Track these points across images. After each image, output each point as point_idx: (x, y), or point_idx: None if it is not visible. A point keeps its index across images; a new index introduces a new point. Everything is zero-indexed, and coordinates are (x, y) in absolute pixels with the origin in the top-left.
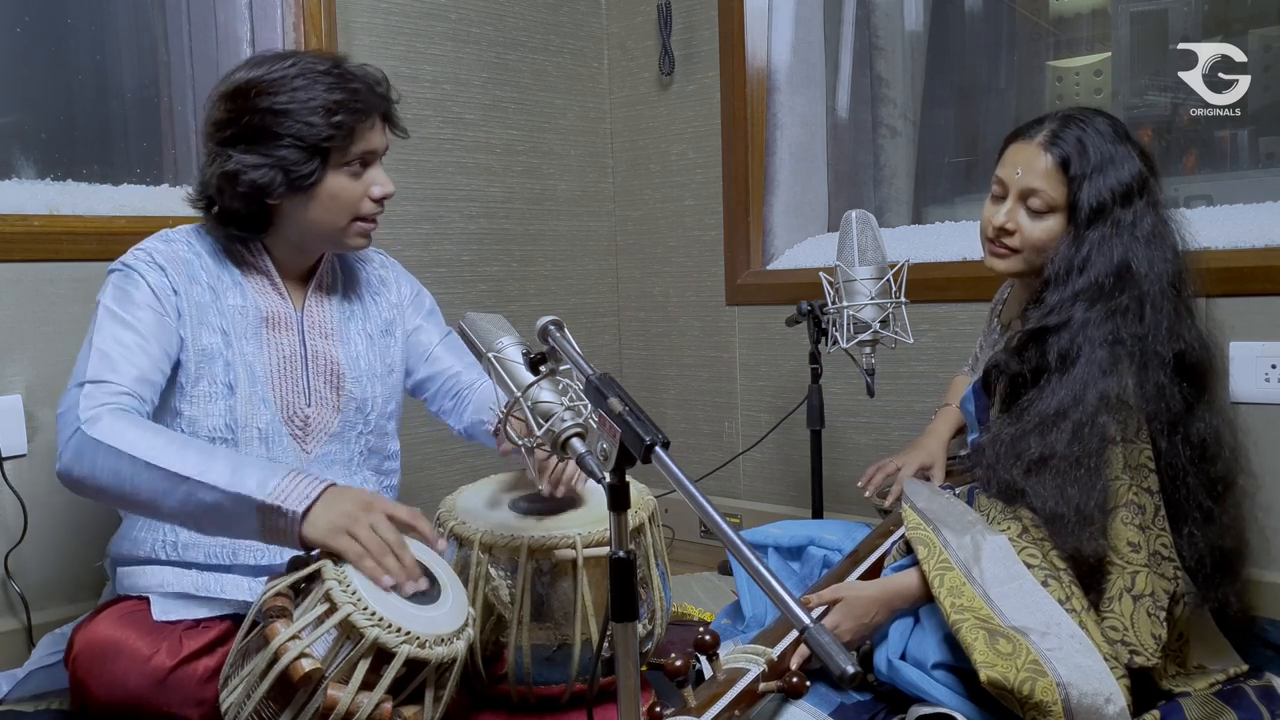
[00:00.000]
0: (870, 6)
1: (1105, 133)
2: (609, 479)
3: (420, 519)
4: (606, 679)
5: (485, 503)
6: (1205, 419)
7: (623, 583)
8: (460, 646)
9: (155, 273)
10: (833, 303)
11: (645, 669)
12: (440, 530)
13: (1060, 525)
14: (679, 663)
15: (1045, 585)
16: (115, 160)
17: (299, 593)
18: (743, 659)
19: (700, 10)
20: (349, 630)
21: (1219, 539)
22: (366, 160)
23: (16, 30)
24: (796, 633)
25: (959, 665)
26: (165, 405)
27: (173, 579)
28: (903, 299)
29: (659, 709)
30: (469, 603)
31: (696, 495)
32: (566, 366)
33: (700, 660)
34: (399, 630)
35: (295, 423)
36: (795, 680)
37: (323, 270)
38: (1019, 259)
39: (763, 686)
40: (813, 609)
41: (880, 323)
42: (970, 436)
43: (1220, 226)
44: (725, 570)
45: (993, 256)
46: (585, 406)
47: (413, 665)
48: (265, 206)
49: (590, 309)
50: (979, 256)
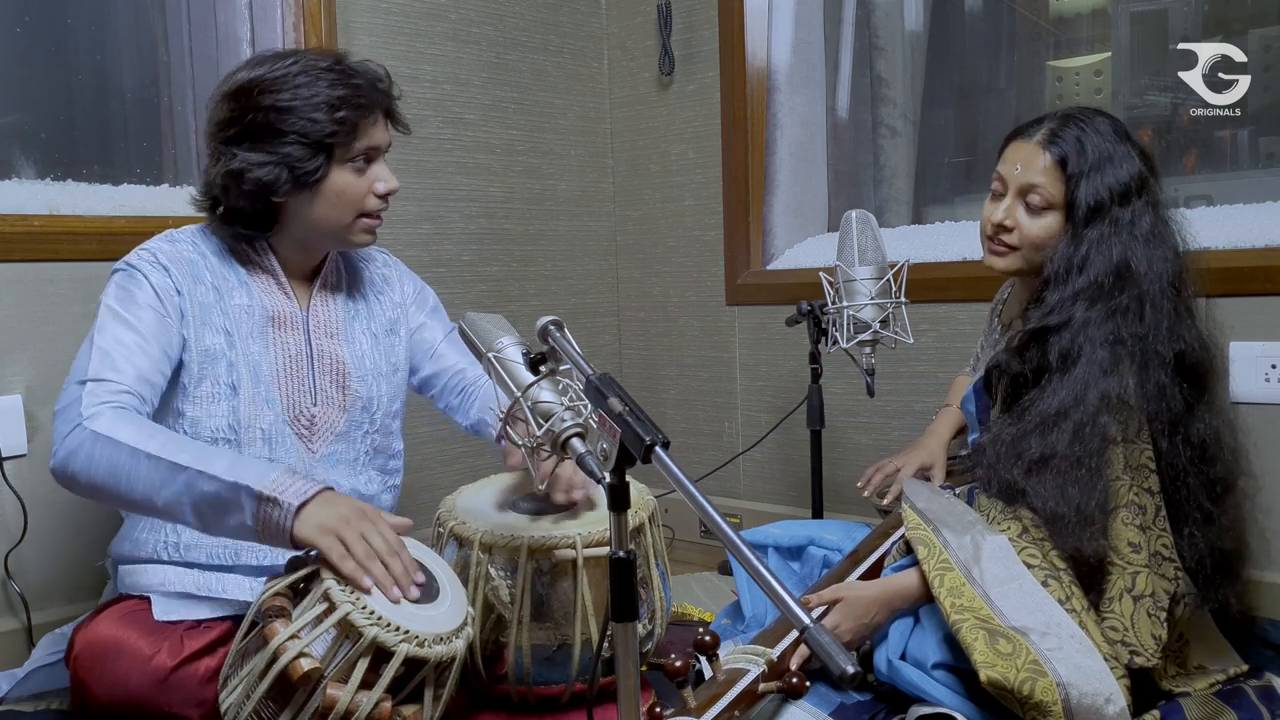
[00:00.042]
0: (870, 6)
1: (1105, 132)
2: (609, 479)
3: (402, 548)
4: (606, 679)
5: (485, 503)
6: (1205, 420)
7: (623, 583)
8: (459, 645)
9: (158, 273)
10: (833, 303)
11: (645, 669)
12: (440, 530)
13: (1061, 525)
14: (679, 663)
15: (1045, 585)
16: (115, 160)
17: (298, 593)
18: (743, 659)
19: (700, 10)
20: (348, 629)
21: (1219, 540)
22: (370, 156)
23: (16, 30)
24: (796, 633)
25: (959, 665)
26: (168, 406)
27: (174, 578)
28: (903, 299)
29: (659, 709)
30: (468, 602)
31: (696, 495)
32: (566, 366)
33: (700, 660)
34: (398, 629)
35: (301, 422)
36: (795, 680)
37: (327, 269)
38: (1017, 256)
39: (763, 687)
40: (813, 609)
41: (880, 323)
42: (971, 436)
43: (1220, 226)
44: (725, 570)
45: (991, 255)
46: (585, 406)
47: (412, 664)
48: (270, 205)
49: (590, 309)
50: (979, 256)
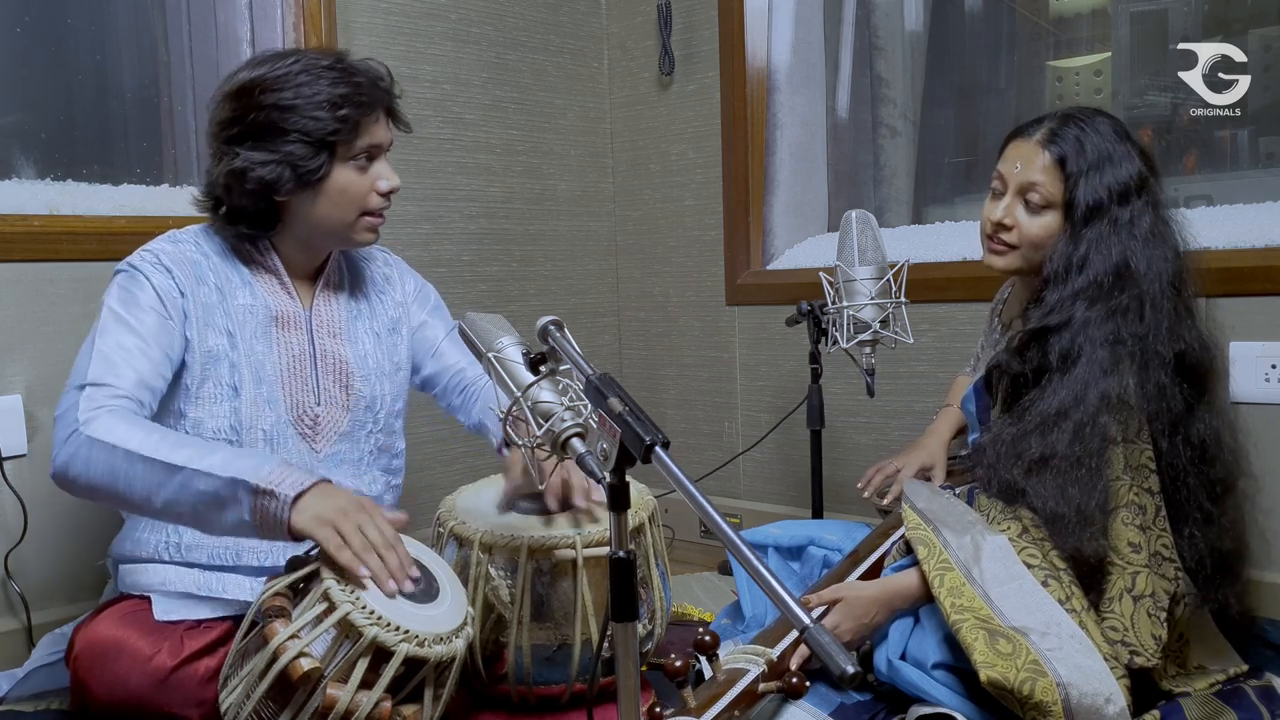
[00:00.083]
0: (870, 6)
1: (1104, 132)
2: (609, 479)
3: (399, 542)
4: (606, 679)
5: (485, 503)
6: (1205, 420)
7: (623, 583)
8: (459, 645)
9: (161, 275)
10: (833, 303)
11: (645, 669)
12: (440, 530)
13: (1061, 525)
14: (679, 663)
15: (1045, 585)
16: (115, 160)
17: (298, 592)
18: (743, 659)
19: (700, 10)
20: (348, 629)
21: (1219, 540)
22: (372, 154)
23: (16, 30)
24: (796, 633)
25: (959, 665)
26: (170, 408)
27: (175, 578)
28: (903, 299)
29: (659, 709)
30: (468, 602)
31: (696, 495)
32: (566, 366)
33: (700, 660)
34: (398, 629)
35: (305, 422)
36: (795, 680)
37: (330, 269)
38: (1016, 255)
39: (763, 687)
40: (813, 609)
41: (880, 323)
42: (971, 436)
43: (1220, 226)
44: (725, 570)
45: (991, 254)
46: (585, 406)
47: (411, 664)
48: (273, 204)
49: (590, 309)
50: (979, 256)
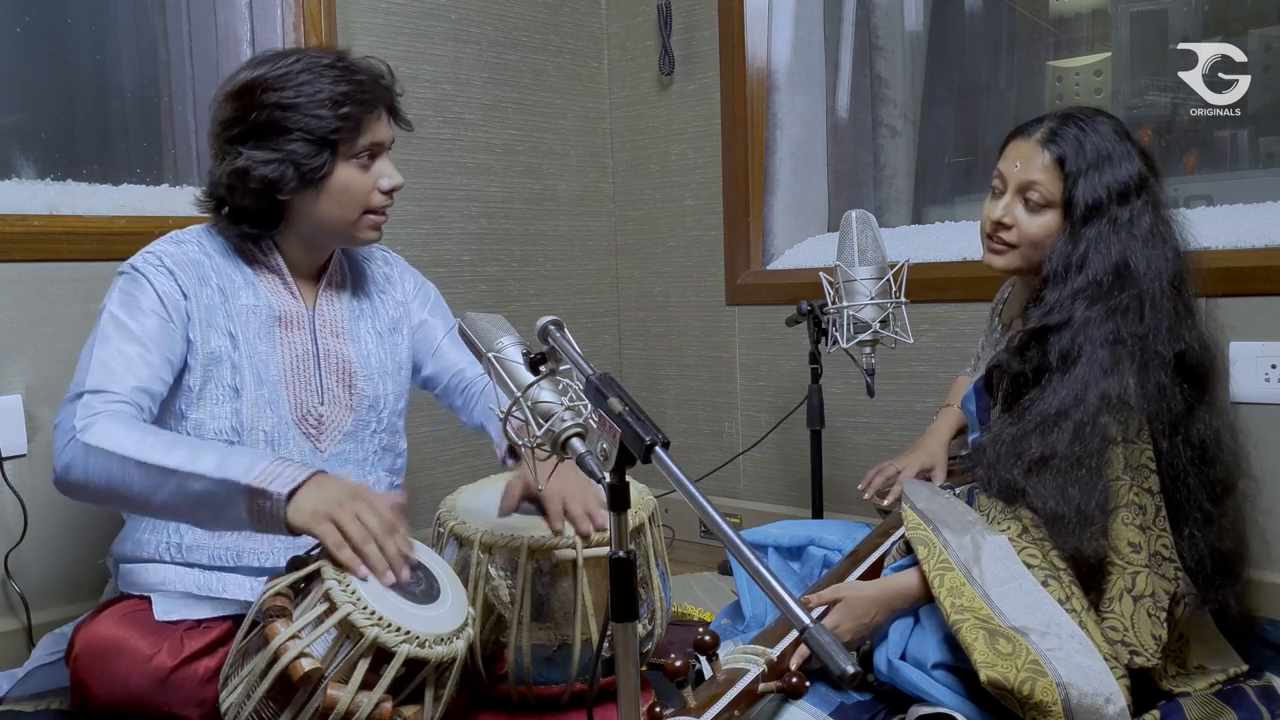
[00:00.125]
0: (870, 6)
1: (1104, 132)
2: (609, 479)
3: (399, 525)
4: (606, 679)
5: (485, 503)
6: (1206, 420)
7: (623, 583)
8: (460, 646)
9: (164, 277)
10: (833, 303)
11: (645, 669)
12: (440, 530)
13: (1061, 525)
14: (679, 663)
15: (1045, 585)
16: (115, 160)
17: (299, 593)
18: (742, 659)
19: (700, 10)
20: (349, 630)
21: (1219, 541)
22: (374, 152)
23: (16, 30)
24: (796, 633)
25: (959, 665)
26: (171, 409)
27: (175, 577)
28: (903, 299)
29: (659, 709)
30: (469, 602)
31: (696, 495)
32: (566, 366)
33: (700, 660)
34: (398, 629)
35: (309, 421)
36: (795, 680)
37: (333, 268)
38: (1016, 255)
39: (762, 687)
40: (813, 609)
41: (880, 323)
42: (971, 436)
43: (1220, 226)
44: (725, 570)
45: (990, 253)
46: (585, 406)
47: (412, 665)
48: (276, 203)
49: (590, 309)
50: (979, 256)
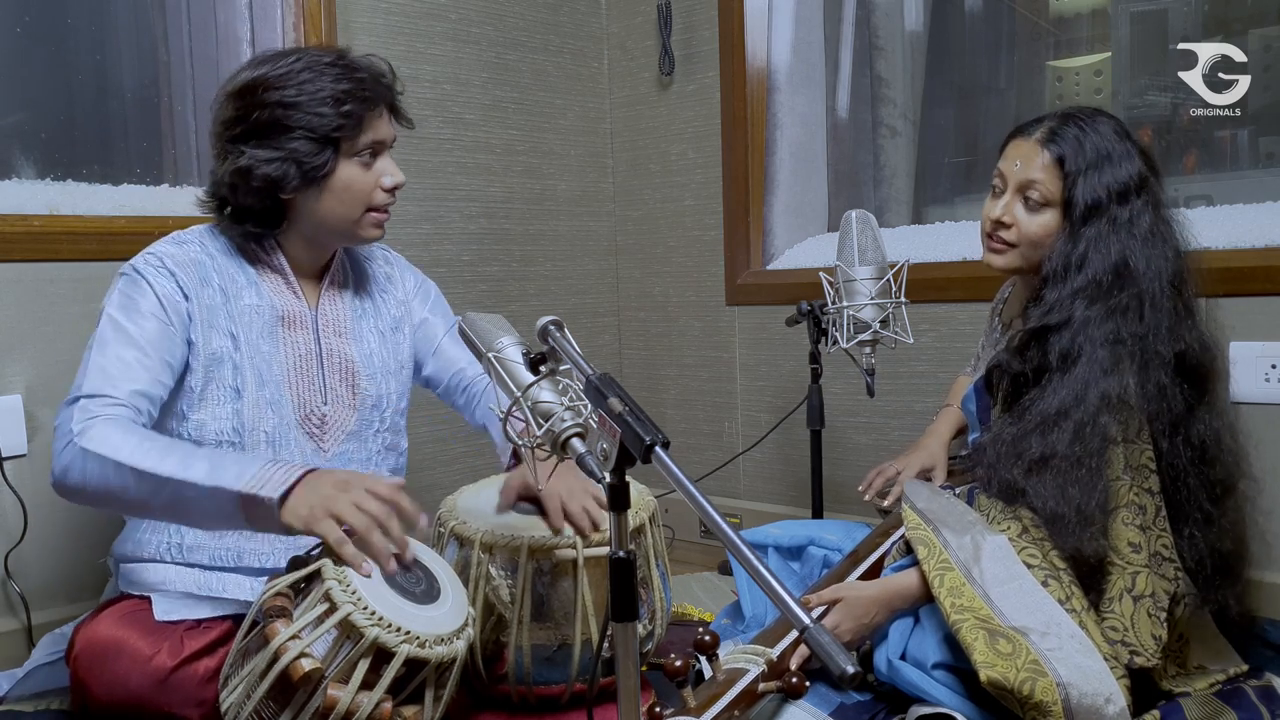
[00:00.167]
0: (870, 6)
1: (1104, 132)
2: (609, 479)
3: (401, 494)
4: (606, 679)
5: (486, 503)
6: (1206, 421)
7: (623, 583)
8: (460, 646)
9: (165, 279)
10: (833, 303)
11: (645, 669)
12: (441, 530)
13: (1061, 525)
14: (679, 663)
15: (1045, 585)
16: (115, 160)
17: (299, 592)
18: (742, 659)
19: (700, 10)
20: (349, 630)
21: (1219, 541)
22: (376, 150)
23: (16, 30)
24: (796, 633)
25: (959, 665)
26: (173, 410)
27: (175, 577)
28: (903, 299)
29: (659, 709)
30: (469, 602)
31: (696, 495)
32: (566, 366)
33: (700, 660)
34: (399, 630)
35: (312, 421)
36: (795, 680)
37: (335, 268)
38: (1015, 254)
39: (762, 687)
40: (813, 609)
41: (880, 323)
42: (971, 436)
43: (1220, 226)
44: (725, 570)
45: (990, 252)
46: (585, 406)
47: (412, 665)
48: (279, 202)
49: (590, 309)
50: (979, 256)
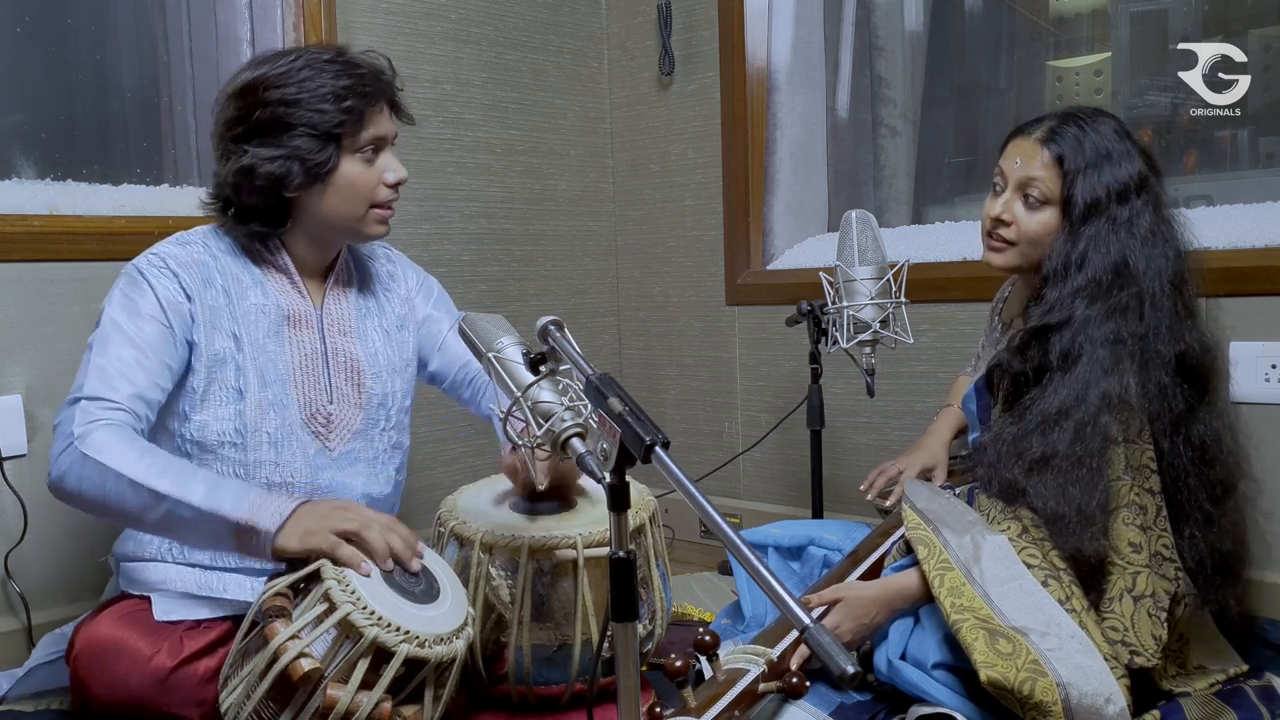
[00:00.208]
0: (870, 6)
1: (1104, 131)
2: (609, 479)
3: (393, 532)
4: (606, 679)
5: (486, 502)
6: (1206, 421)
7: (623, 583)
8: (459, 646)
9: (167, 280)
10: (833, 303)
11: (645, 669)
12: (441, 530)
13: (1061, 525)
14: (679, 663)
15: (1045, 585)
16: (115, 160)
17: (298, 592)
18: (743, 659)
19: (700, 10)
20: (348, 629)
21: (1219, 542)
22: (378, 146)
23: (16, 30)
24: (796, 633)
25: (959, 665)
26: (174, 410)
27: (176, 576)
28: (903, 299)
29: (659, 709)
30: (469, 602)
31: (696, 495)
32: (566, 366)
33: (700, 660)
34: (398, 629)
35: (318, 420)
36: (795, 680)
37: (339, 267)
38: (1015, 253)
39: (763, 687)
40: (813, 609)
41: (880, 323)
42: (971, 436)
43: (1220, 226)
44: (725, 570)
45: (990, 251)
46: (585, 406)
47: (412, 664)
48: (283, 200)
49: (590, 309)
50: (979, 256)
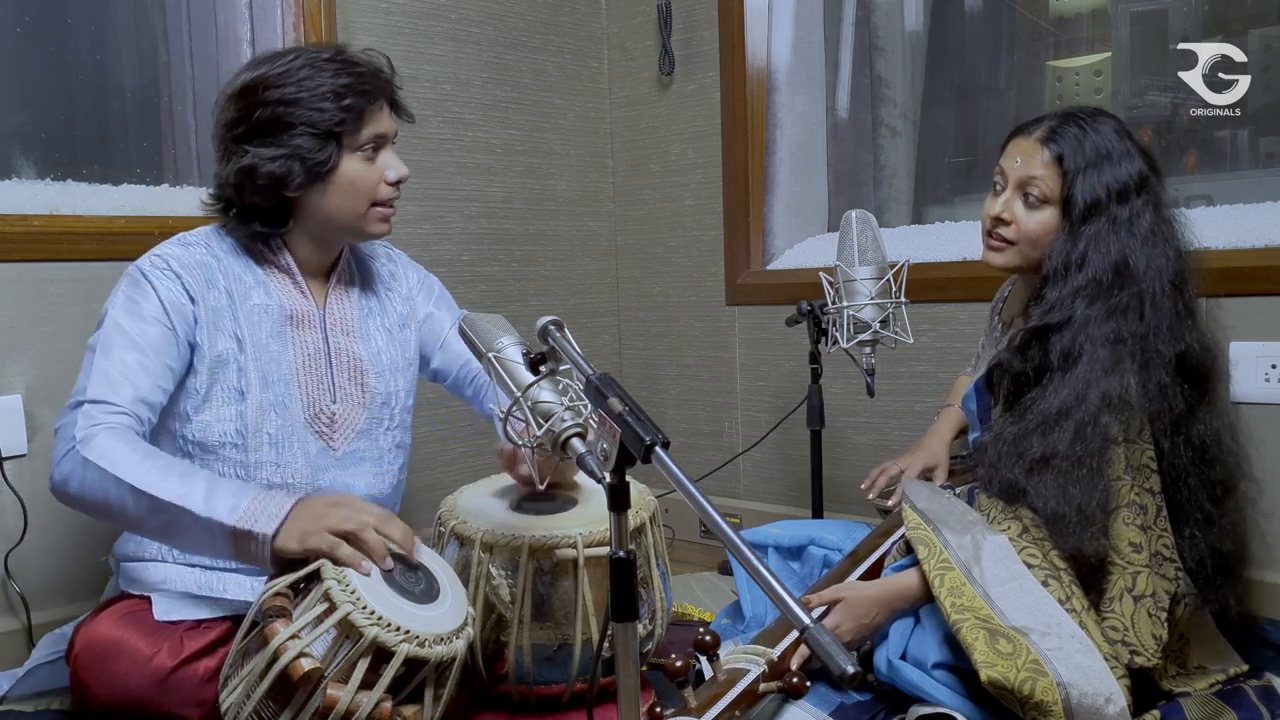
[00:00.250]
0: (870, 6)
1: (1105, 131)
2: (609, 479)
3: (392, 515)
4: (607, 679)
5: (486, 502)
6: (1206, 421)
7: (623, 583)
8: (459, 645)
9: (170, 282)
10: (833, 303)
11: (645, 669)
12: (441, 530)
13: (1062, 525)
14: (679, 663)
15: (1045, 585)
16: (115, 160)
17: (298, 592)
18: (743, 659)
19: (700, 10)
20: (348, 629)
21: (1219, 542)
22: (378, 144)
23: (16, 30)
24: (797, 633)
25: (959, 665)
26: (176, 411)
27: (176, 576)
28: (903, 299)
29: (659, 709)
30: (469, 602)
31: (696, 495)
32: (566, 366)
33: (700, 660)
34: (398, 629)
35: (321, 420)
36: (795, 680)
37: (341, 267)
38: (1014, 252)
39: (763, 687)
40: (813, 609)
41: (880, 323)
42: (972, 436)
43: (1220, 226)
44: (725, 570)
45: (989, 250)
46: (585, 406)
47: (412, 664)
48: (285, 200)
49: (590, 309)
50: (979, 256)
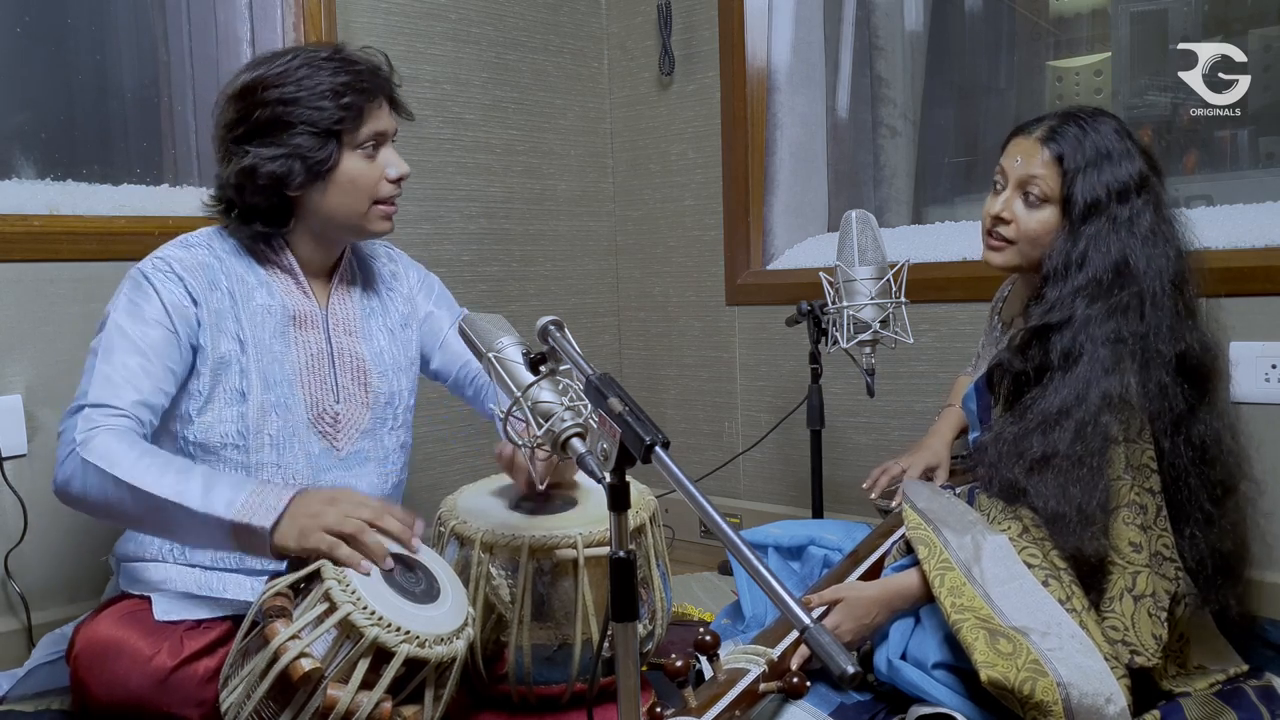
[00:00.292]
0: (870, 6)
1: (1105, 131)
2: (609, 479)
3: (390, 506)
4: (607, 679)
5: (486, 502)
6: (1206, 421)
7: (623, 583)
8: (460, 646)
9: (172, 284)
10: (833, 303)
11: (645, 669)
12: (441, 530)
13: (1062, 525)
14: (679, 663)
15: (1046, 585)
16: (115, 160)
17: (299, 592)
18: (743, 659)
19: (700, 10)
20: (348, 629)
21: (1219, 542)
22: (378, 142)
23: (16, 30)
24: (797, 633)
25: (959, 665)
26: (178, 413)
27: (176, 576)
28: (903, 299)
29: (659, 709)
30: (469, 602)
31: (696, 495)
32: (566, 366)
33: (700, 660)
34: (398, 629)
35: (325, 420)
36: (795, 680)
37: (343, 266)
38: (1014, 251)
39: (763, 687)
40: (813, 609)
41: (880, 323)
42: (972, 435)
43: (1220, 226)
44: (725, 570)
45: (989, 250)
46: (585, 406)
47: (412, 664)
48: (286, 200)
49: (590, 309)
50: (979, 256)
